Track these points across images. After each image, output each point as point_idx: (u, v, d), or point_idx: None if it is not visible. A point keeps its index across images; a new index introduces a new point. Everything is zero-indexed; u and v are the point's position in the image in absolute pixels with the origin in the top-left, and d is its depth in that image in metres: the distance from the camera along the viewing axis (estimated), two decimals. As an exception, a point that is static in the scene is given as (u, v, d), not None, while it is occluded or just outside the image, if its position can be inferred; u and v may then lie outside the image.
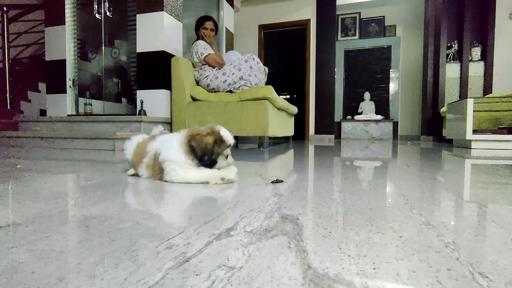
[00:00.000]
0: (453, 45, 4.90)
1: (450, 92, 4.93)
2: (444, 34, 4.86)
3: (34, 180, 1.03)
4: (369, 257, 0.39)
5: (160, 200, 0.75)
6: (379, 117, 5.60)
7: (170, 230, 0.49)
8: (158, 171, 1.00)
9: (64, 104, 3.47)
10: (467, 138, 3.03)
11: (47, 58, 3.54)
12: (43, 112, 4.28)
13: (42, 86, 4.38)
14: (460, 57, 4.87)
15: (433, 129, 5.01)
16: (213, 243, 0.43)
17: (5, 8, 3.78)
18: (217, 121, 2.83)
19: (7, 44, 3.73)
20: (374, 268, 0.36)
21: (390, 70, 5.80)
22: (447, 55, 4.92)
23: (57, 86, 3.49)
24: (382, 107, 5.85)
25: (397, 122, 5.68)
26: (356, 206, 0.67)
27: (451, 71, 4.91)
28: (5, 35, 3.69)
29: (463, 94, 4.82)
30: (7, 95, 3.74)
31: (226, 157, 1.04)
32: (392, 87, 5.82)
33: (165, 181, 0.99)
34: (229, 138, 1.01)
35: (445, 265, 0.37)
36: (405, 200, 0.73)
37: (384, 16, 5.88)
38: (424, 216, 0.59)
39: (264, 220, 0.55)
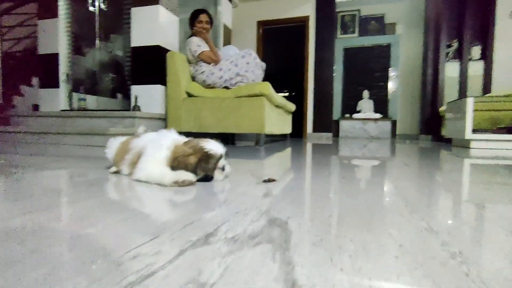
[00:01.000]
0: (453, 44, 4.85)
1: (450, 91, 4.88)
2: (444, 32, 4.81)
3: (7, 176, 0.97)
4: (364, 271, 0.34)
5: (138, 200, 0.70)
6: (378, 115, 5.55)
7: (141, 236, 0.44)
8: None
9: (57, 99, 3.40)
10: (466, 138, 2.99)
11: (40, 52, 3.46)
12: (36, 107, 4.20)
13: (35, 80, 4.30)
14: (460, 55, 4.82)
15: (432, 128, 4.97)
16: (187, 252, 0.37)
17: (-3, -1, 3.69)
18: (213, 117, 2.77)
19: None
20: (370, 286, 0.31)
21: (390, 68, 5.75)
22: (447, 53, 4.87)
23: (50, 81, 3.41)
24: (381, 106, 5.80)
25: (395, 121, 5.64)
26: (352, 208, 0.62)
27: (451, 70, 4.86)
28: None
29: (462, 93, 4.78)
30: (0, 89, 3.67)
31: (223, 169, 0.97)
32: (391, 85, 5.77)
33: (135, 179, 0.93)
34: (217, 151, 0.94)
35: (453, 283, 0.31)
36: (404, 202, 0.68)
37: (384, 14, 5.82)
38: (425, 221, 0.54)
39: (249, 224, 0.50)
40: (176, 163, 0.89)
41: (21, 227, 0.47)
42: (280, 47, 6.30)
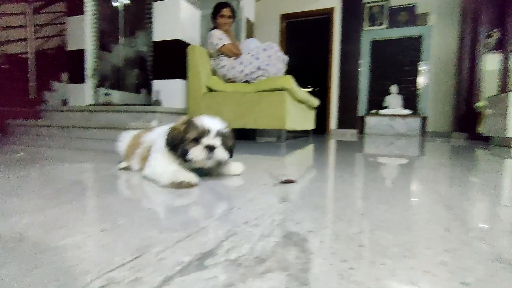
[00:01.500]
0: (494, 34, 4.44)
1: (488, 85, 4.49)
2: (484, 22, 4.41)
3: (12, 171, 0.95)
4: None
5: (131, 204, 0.62)
6: (407, 111, 5.24)
7: (121, 254, 0.36)
8: None
9: (83, 94, 3.48)
10: (508, 136, 2.71)
11: (68, 48, 3.55)
12: (65, 102, 4.35)
13: (65, 76, 4.45)
14: (501, 47, 4.41)
15: (467, 125, 4.60)
16: (173, 280, 0.29)
17: (29, -2, 3.83)
18: (232, 112, 2.70)
19: (32, 35, 3.79)
20: None
21: (420, 62, 5.39)
22: (486, 44, 4.47)
23: (78, 76, 3.49)
24: (410, 101, 5.47)
25: (426, 118, 5.30)
26: (386, 221, 0.51)
27: (490, 62, 4.46)
28: (30, 25, 3.75)
29: (503, 87, 4.38)
30: (31, 84, 3.82)
31: (210, 149, 0.81)
32: (422, 80, 5.41)
33: (144, 176, 0.87)
34: (205, 124, 0.81)
35: None
36: (452, 214, 0.56)
37: (415, 3, 5.45)
38: (489, 244, 0.41)
39: (258, 240, 0.41)
40: (168, 132, 0.82)
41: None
42: (304, 41, 6.11)
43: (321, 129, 5.45)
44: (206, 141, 0.80)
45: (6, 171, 0.95)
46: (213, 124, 0.82)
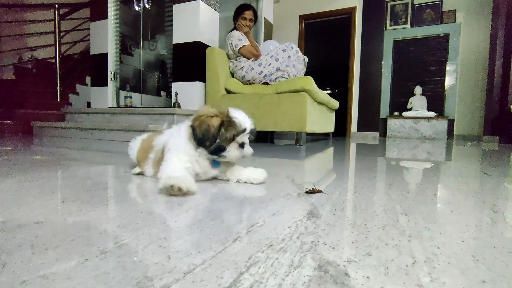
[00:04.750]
0: (530, 31, 4.15)
1: (523, 86, 4.20)
2: (518, 17, 4.14)
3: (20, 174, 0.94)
4: None
5: (145, 215, 0.57)
6: (432, 113, 5.00)
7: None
8: None
9: (106, 96, 3.56)
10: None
11: (92, 52, 3.65)
12: (89, 104, 4.48)
13: (88, 79, 4.59)
14: (538, 44, 4.12)
15: (500, 128, 4.33)
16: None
17: (56, 5, 3.98)
18: (251, 115, 2.64)
19: (58, 39, 3.93)
20: None
21: (447, 62, 5.14)
22: (521, 42, 4.19)
23: (100, 79, 3.58)
24: (436, 103, 5.22)
25: (453, 120, 5.03)
26: (443, 247, 0.42)
27: (526, 61, 4.17)
28: (57, 31, 3.89)
29: (540, 88, 4.09)
30: (58, 88, 3.96)
31: (241, 146, 0.82)
32: (449, 80, 5.15)
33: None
34: (243, 122, 0.81)
35: None
36: None
37: (441, 0, 5.21)
38: None
39: (287, 273, 0.33)
40: (197, 123, 0.78)
41: None
42: (324, 42, 6.00)
43: (341, 131, 5.31)
44: (240, 139, 0.82)
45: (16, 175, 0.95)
46: (247, 121, 0.82)
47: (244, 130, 0.81)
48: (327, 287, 0.31)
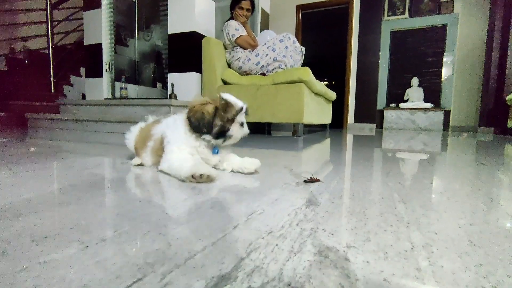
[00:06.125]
0: (527, 22, 4.15)
1: (519, 77, 4.22)
2: (516, 8, 4.13)
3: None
4: None
5: (144, 204, 0.57)
6: (428, 105, 5.02)
7: (119, 274, 0.30)
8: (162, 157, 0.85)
9: (101, 88, 3.51)
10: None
11: (85, 43, 3.58)
12: (84, 96, 4.43)
13: (83, 70, 4.52)
14: (535, 35, 4.12)
15: (495, 119, 4.36)
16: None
17: (48, -6, 3.87)
18: (248, 106, 2.64)
19: (51, 29, 3.85)
20: None
21: (444, 53, 5.13)
22: (518, 33, 4.19)
23: (95, 70, 3.53)
24: (432, 95, 5.23)
25: (449, 111, 5.06)
26: (440, 233, 0.43)
27: (522, 52, 4.18)
28: (49, 20, 3.80)
29: (536, 79, 4.11)
30: (51, 79, 3.89)
31: (242, 125, 0.86)
32: (445, 71, 5.16)
33: (160, 170, 0.84)
34: (238, 102, 0.84)
35: None
36: None
37: (440, -9, 5.17)
38: None
39: (287, 258, 0.34)
40: (192, 113, 0.80)
41: None
42: (321, 33, 5.95)
43: (337, 123, 5.32)
44: (239, 118, 0.85)
45: (13, 167, 0.94)
46: (240, 102, 0.85)
47: (241, 109, 0.84)
48: (327, 271, 0.31)
